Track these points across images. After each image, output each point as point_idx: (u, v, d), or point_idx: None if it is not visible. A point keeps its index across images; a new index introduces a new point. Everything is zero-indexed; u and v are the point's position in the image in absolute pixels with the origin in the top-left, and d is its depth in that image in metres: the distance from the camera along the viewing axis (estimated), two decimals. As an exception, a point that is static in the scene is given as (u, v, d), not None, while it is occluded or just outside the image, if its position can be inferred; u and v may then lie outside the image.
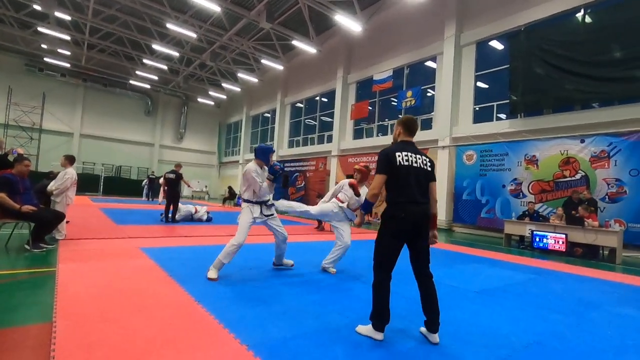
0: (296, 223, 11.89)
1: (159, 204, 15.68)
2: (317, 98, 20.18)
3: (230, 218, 12.01)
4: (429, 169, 2.65)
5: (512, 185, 10.67)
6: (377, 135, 16.04)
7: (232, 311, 2.91)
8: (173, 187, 9.22)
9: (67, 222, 6.73)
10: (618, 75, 8.79)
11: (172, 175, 9.28)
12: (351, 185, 4.64)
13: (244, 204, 4.23)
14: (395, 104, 14.92)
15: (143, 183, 20.66)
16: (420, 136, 13.70)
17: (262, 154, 4.34)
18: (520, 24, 10.93)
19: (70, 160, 5.92)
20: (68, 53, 22.23)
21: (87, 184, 21.65)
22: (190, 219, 9.81)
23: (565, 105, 9.93)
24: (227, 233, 7.84)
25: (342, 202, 4.72)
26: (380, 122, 16.03)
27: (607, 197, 8.71)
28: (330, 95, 18.85)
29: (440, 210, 12.35)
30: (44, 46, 21.50)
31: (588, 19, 9.68)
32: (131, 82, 25.51)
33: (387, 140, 15.15)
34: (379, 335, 2.51)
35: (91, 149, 25.31)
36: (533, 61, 10.33)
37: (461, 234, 11.35)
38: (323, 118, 19.77)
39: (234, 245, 3.94)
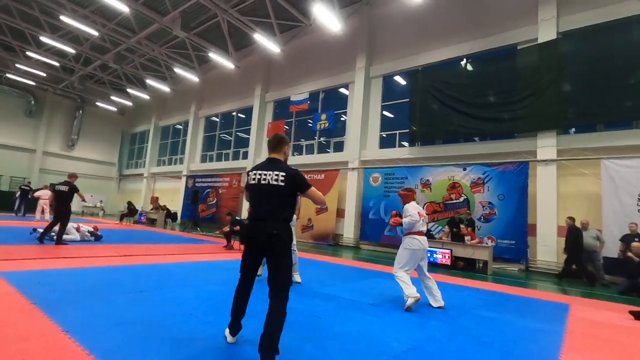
0: (206, 242, 11.23)
1: (39, 221, 13.27)
2: (234, 113, 19.81)
3: (125, 236, 10.79)
4: (281, 183, 2.58)
5: (410, 205, 11.80)
6: (293, 155, 16.32)
7: (109, 340, 2.57)
8: (64, 201, 7.53)
9: None
10: (490, 115, 10.60)
11: (64, 188, 7.58)
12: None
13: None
14: (311, 125, 15.48)
15: (16, 195, 17.23)
16: (332, 157, 14.43)
17: None
18: (418, 65, 12.51)
19: None
20: None
21: None
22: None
23: (452, 137, 11.54)
24: (117, 253, 7.01)
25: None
26: (296, 142, 16.41)
27: (482, 217, 10.24)
28: (248, 111, 18.70)
29: (348, 228, 13.01)
30: None
31: (469, 67, 11.57)
32: (8, 75, 21.64)
33: (303, 159, 15.58)
34: (230, 338, 2.68)
35: (-56, 152, 20.44)
36: (428, 97, 11.84)
37: (367, 251, 12.06)
38: (239, 134, 19.42)
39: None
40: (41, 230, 7.62)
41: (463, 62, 11.75)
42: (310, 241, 13.97)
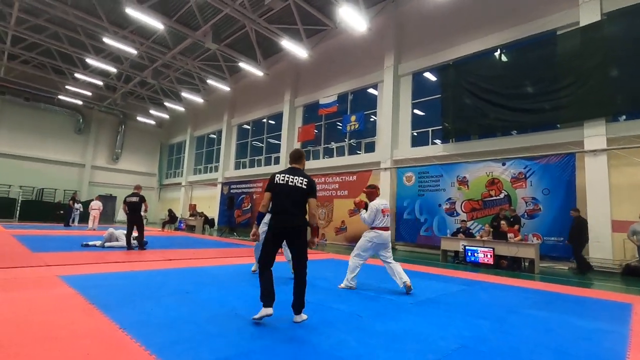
0: (242, 246, 11.51)
1: (94, 230, 14.24)
2: (265, 120, 20.24)
3: (168, 242, 11.30)
4: (304, 187, 3.30)
5: (447, 204, 11.47)
6: (324, 158, 16.41)
7: (162, 336, 2.71)
8: (137, 210, 8.55)
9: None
10: (529, 107, 10.09)
11: (135, 199, 8.57)
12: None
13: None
14: (341, 127, 15.49)
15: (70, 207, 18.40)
16: (364, 158, 14.33)
17: None
18: (449, 59, 12.16)
19: None
20: (-17, 62, 20.00)
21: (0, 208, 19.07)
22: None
23: (489, 132, 11.10)
24: (162, 257, 7.36)
25: None
26: (326, 145, 16.47)
27: (525, 213, 9.72)
28: (278, 117, 19.03)
29: (384, 229, 12.79)
30: (-47, 53, 19.14)
31: (504, 58, 11.09)
32: (60, 97, 23.46)
33: (333, 162, 15.59)
34: (269, 310, 3.10)
35: (7, 170, 22.45)
36: (461, 92, 11.47)
37: (403, 252, 11.83)
38: (270, 140, 19.80)
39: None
40: (90, 243, 8.68)
41: (497, 53, 11.29)
42: (345, 243, 13.93)
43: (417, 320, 3.49)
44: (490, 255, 8.31)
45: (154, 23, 13.76)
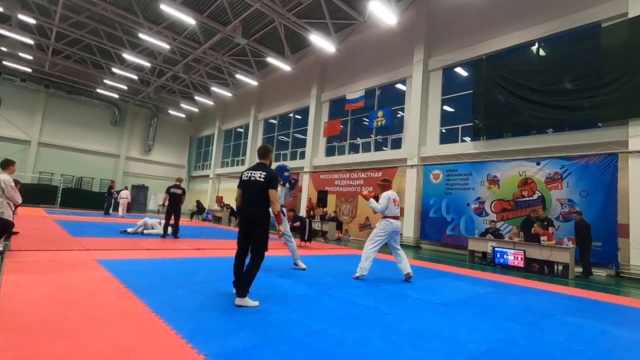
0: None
1: (120, 218, 14.95)
2: (291, 115, 20.37)
3: (196, 232, 11.65)
4: (261, 180, 3.62)
5: (475, 203, 11.13)
6: (349, 153, 16.33)
7: (191, 321, 2.80)
8: (178, 202, 9.08)
9: (15, 233, 6.30)
10: (568, 104, 9.57)
11: (178, 191, 9.13)
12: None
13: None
14: (367, 123, 15.34)
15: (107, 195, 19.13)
16: (390, 155, 14.14)
17: (280, 172, 5.66)
18: (482, 53, 11.72)
19: (1, 165, 5.43)
20: (30, 57, 21.29)
21: (43, 195, 20.33)
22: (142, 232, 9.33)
23: (523, 129, 10.63)
24: (191, 247, 7.61)
25: None
26: (352, 141, 16.37)
27: (560, 216, 9.28)
28: (304, 112, 19.10)
29: (408, 227, 12.63)
30: (3, 49, 20.46)
31: (542, 52, 10.55)
32: (98, 90, 24.64)
33: (359, 157, 15.48)
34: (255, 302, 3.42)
35: (50, 159, 23.95)
36: (494, 88, 11.04)
37: (428, 251, 11.61)
38: (296, 134, 19.92)
39: (288, 237, 5.93)
40: (130, 230, 9.11)
41: (534, 47, 10.75)
42: (368, 240, 13.83)
43: (444, 321, 3.42)
44: (521, 258, 8.01)
45: (187, 18, 14.11)
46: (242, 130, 25.05)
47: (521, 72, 10.57)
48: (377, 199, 5.54)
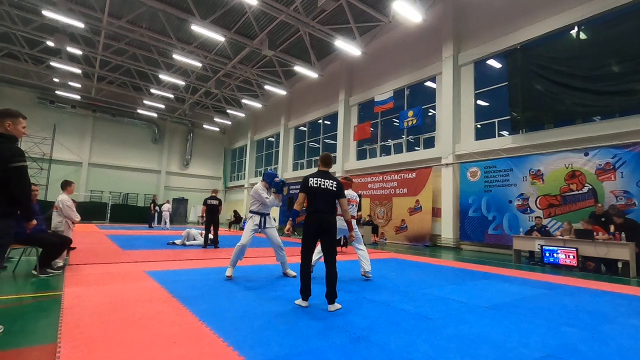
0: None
1: (164, 230, 15.74)
2: (320, 121, 20.52)
3: (235, 241, 11.94)
4: (334, 189, 3.77)
5: (518, 200, 10.58)
6: (381, 155, 16.14)
7: (236, 329, 2.88)
8: (216, 213, 9.47)
9: (73, 248, 6.80)
10: (617, 88, 8.89)
11: (215, 202, 9.55)
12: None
13: (249, 214, 5.38)
14: (397, 124, 15.11)
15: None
16: (423, 155, 13.81)
17: (267, 177, 5.61)
18: (516, 43, 11.20)
19: (61, 186, 6.08)
20: (78, 86, 23.08)
21: (94, 212, 21.87)
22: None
23: (566, 119, 9.99)
24: (231, 256, 7.81)
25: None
26: (383, 143, 16.18)
27: (609, 210, 8.55)
28: (333, 117, 19.17)
29: (447, 228, 12.24)
30: (55, 80, 22.37)
31: (583, 35, 9.90)
32: (139, 111, 26.23)
33: (391, 159, 15.26)
34: (304, 303, 3.67)
35: (99, 178, 25.76)
36: (531, 78, 10.50)
37: (469, 252, 11.16)
38: (326, 140, 20.02)
39: (239, 245, 5.14)
40: (178, 242, 9.65)
41: (573, 32, 10.11)
42: (406, 242, 13.56)
43: (492, 325, 3.26)
44: (574, 256, 7.48)
45: (216, 36, 14.72)
46: (273, 139, 25.57)
47: (561, 59, 9.98)
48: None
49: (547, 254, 7.92)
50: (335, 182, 3.80)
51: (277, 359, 2.32)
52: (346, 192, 5.30)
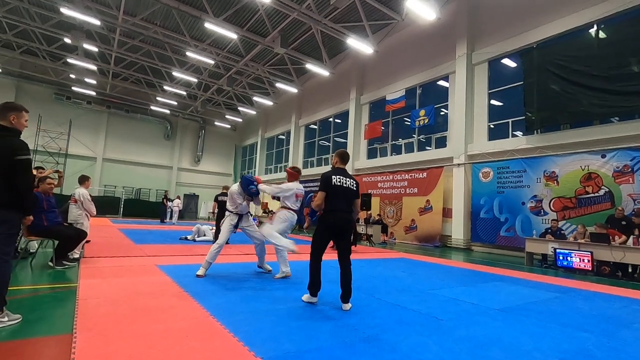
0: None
1: (173, 225, 15.96)
2: (331, 119, 20.49)
3: (245, 238, 12.04)
4: (354, 188, 3.72)
5: (532, 202, 10.40)
6: (392, 154, 16.04)
7: (247, 325, 2.90)
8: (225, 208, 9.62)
9: (88, 241, 6.94)
10: (637, 88, 8.64)
11: (226, 198, 9.60)
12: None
13: (227, 214, 5.32)
14: (409, 123, 14.99)
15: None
16: (434, 154, 13.68)
17: (243, 183, 5.23)
18: (532, 42, 10.98)
19: (79, 180, 6.30)
20: (94, 82, 23.49)
21: (108, 206, 22.25)
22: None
23: (583, 120, 9.76)
24: (241, 252, 7.89)
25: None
26: (394, 142, 16.07)
27: (633, 212, 8.35)
28: (344, 116, 19.11)
29: (457, 228, 12.12)
30: (72, 76, 22.81)
31: (602, 34, 9.65)
32: (152, 107, 26.57)
33: (401, 159, 15.16)
34: (314, 299, 3.69)
35: (113, 173, 26.21)
36: (547, 77, 10.29)
37: (480, 253, 11.03)
38: (337, 139, 19.98)
39: (216, 245, 4.99)
40: (189, 237, 9.74)
41: (592, 30, 9.86)
42: (415, 242, 13.47)
43: (504, 328, 3.22)
44: (588, 260, 7.32)
45: (229, 34, 14.78)
46: (283, 137, 25.63)
47: (578, 58, 9.75)
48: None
49: (561, 257, 7.78)
50: (355, 182, 3.76)
51: (288, 355, 2.33)
52: (295, 184, 5.20)
